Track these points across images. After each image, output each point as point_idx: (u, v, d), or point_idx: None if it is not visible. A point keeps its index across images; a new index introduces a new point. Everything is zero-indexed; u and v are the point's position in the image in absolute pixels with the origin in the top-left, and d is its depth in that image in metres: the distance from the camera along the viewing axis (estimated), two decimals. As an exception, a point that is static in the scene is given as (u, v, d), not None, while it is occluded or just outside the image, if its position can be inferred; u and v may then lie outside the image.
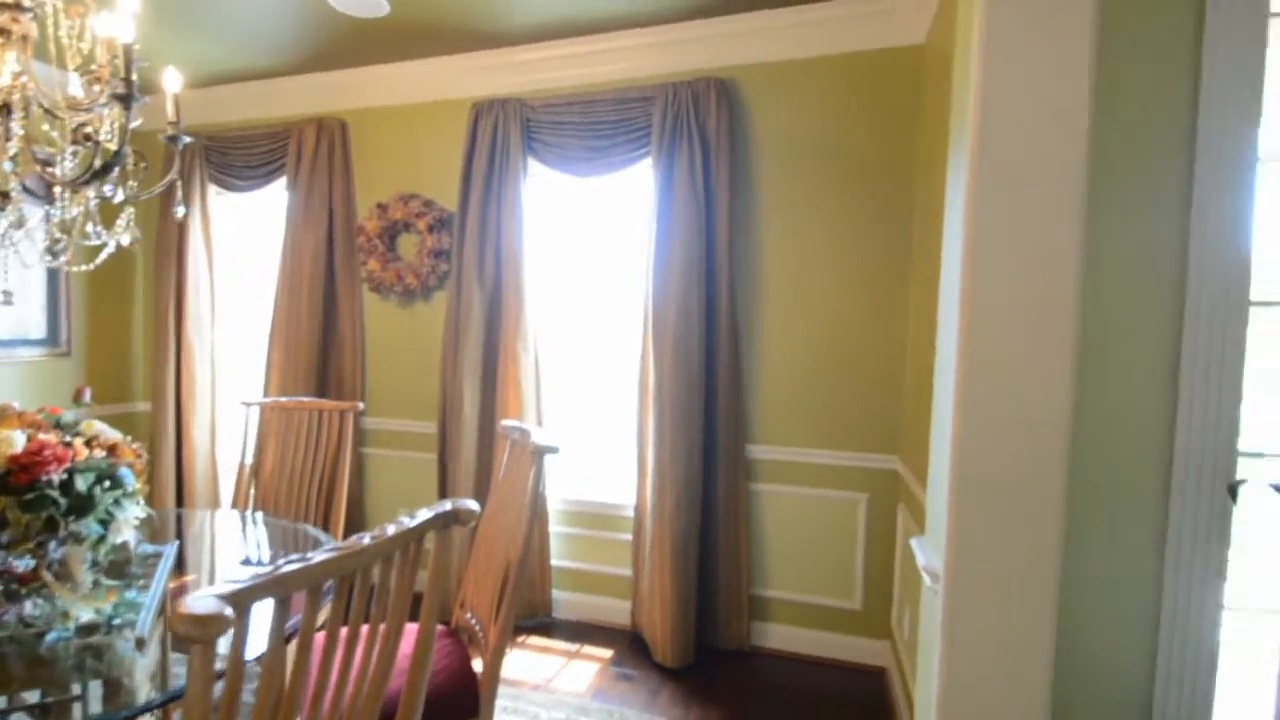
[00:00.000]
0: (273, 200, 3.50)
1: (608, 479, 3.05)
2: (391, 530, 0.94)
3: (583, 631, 2.89)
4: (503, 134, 2.95)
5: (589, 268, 3.10)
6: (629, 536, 2.89)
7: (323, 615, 1.19)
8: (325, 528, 2.29)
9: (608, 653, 2.72)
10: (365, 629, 1.00)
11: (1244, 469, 1.25)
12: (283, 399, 2.52)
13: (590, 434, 3.13)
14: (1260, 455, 1.32)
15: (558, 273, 3.12)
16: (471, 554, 1.87)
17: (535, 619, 2.96)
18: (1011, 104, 1.21)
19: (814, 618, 2.67)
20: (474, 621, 1.73)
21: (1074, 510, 1.32)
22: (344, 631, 0.94)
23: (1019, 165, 1.21)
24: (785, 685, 2.49)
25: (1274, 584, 1.35)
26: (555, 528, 3.03)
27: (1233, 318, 1.22)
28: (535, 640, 2.82)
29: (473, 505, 1.04)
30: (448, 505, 1.02)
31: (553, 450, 1.57)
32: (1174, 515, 1.26)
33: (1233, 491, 1.23)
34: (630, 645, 2.78)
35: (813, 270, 2.63)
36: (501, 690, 2.37)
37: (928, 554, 1.46)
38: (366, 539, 0.91)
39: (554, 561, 3.00)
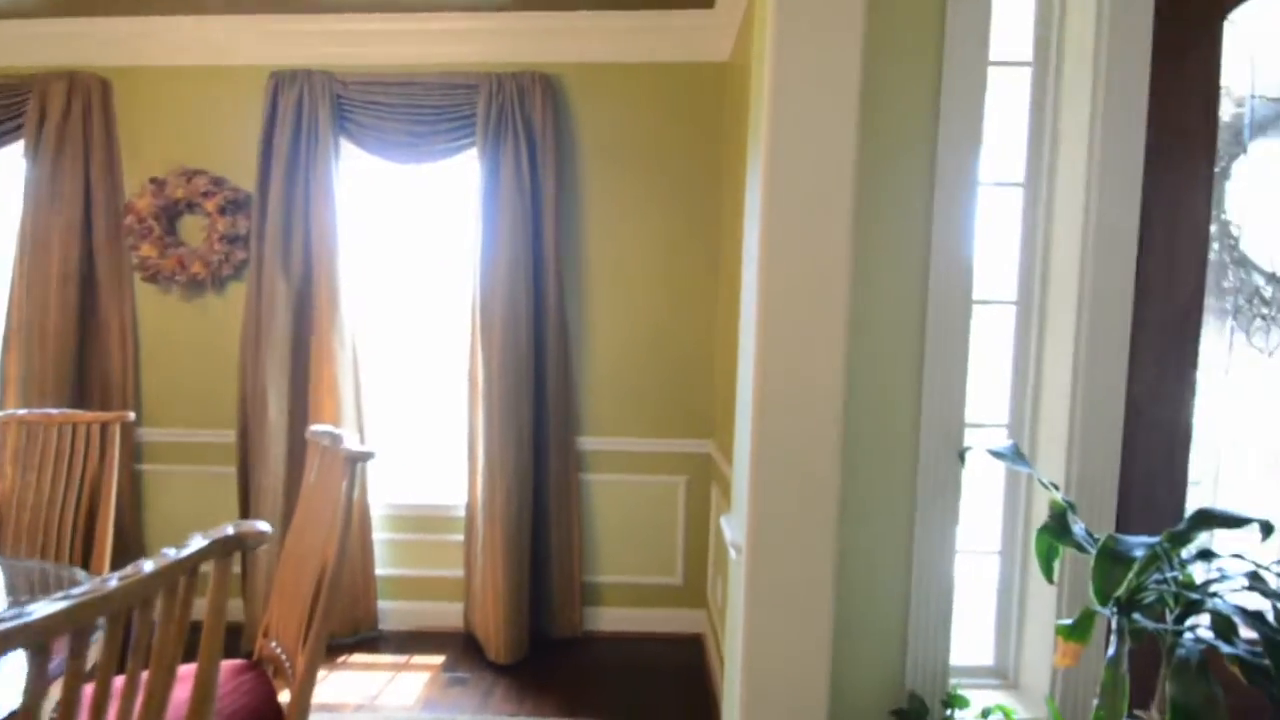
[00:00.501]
0: (6, 170, 2.88)
1: (438, 480, 2.95)
2: (149, 567, 0.84)
3: (413, 641, 2.78)
4: (310, 110, 2.69)
5: (414, 260, 2.95)
6: (460, 537, 2.82)
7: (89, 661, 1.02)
8: (86, 565, 1.96)
9: (439, 659, 2.64)
10: (121, 680, 0.89)
11: (968, 437, 1.53)
12: (22, 411, 2.11)
13: (418, 434, 3.00)
14: (980, 425, 1.63)
15: (380, 264, 2.93)
16: (277, 576, 1.71)
17: (359, 635, 2.78)
18: (794, 132, 1.35)
19: (642, 596, 2.82)
20: (280, 650, 1.59)
21: (849, 479, 1.52)
22: (89, 690, 0.82)
23: (801, 182, 1.36)
24: (616, 664, 2.60)
25: (991, 529, 1.67)
26: (380, 535, 2.87)
27: (960, 314, 1.48)
28: (359, 658, 2.66)
29: (261, 526, 0.96)
30: (229, 529, 0.93)
31: (367, 457, 1.49)
32: (921, 478, 1.51)
33: (961, 456, 1.50)
34: (464, 648, 2.72)
35: (634, 268, 2.75)
36: (319, 717, 2.21)
37: (733, 529, 1.60)
38: (114, 581, 0.79)
39: (379, 571, 2.84)
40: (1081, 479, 1.52)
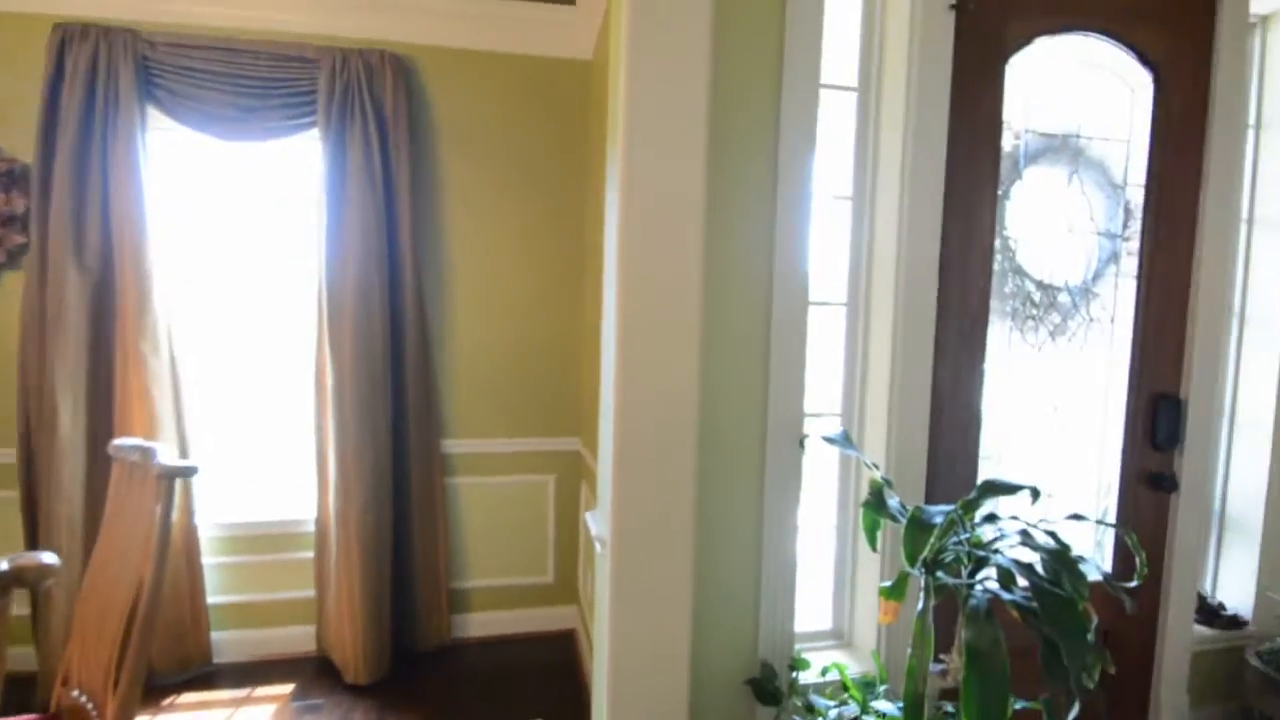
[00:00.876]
0: None
1: (282, 493, 2.71)
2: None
3: (256, 671, 2.54)
4: (108, 71, 2.33)
5: (249, 249, 2.67)
6: (310, 554, 2.62)
7: None
8: None
9: (288, 688, 2.45)
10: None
11: (809, 426, 1.70)
12: None
13: (257, 443, 2.74)
14: (820, 415, 1.81)
15: (207, 254, 2.62)
16: (77, 615, 1.49)
17: (190, 672, 2.49)
18: (649, 135, 1.41)
19: (513, 598, 2.80)
20: (85, 699, 1.40)
21: (706, 469, 1.63)
22: None
23: (657, 184, 1.42)
24: (487, 669, 2.56)
25: (827, 509, 1.87)
26: (213, 559, 2.58)
27: (799, 314, 1.63)
28: (191, 697, 2.39)
29: (46, 558, 0.84)
30: (2, 564, 0.81)
31: (186, 472, 1.34)
32: (768, 465, 1.65)
33: (801, 443, 1.66)
34: (317, 672, 2.54)
35: (499, 263, 2.71)
36: (139, 768, 1.96)
37: (598, 523, 1.65)
38: None
39: (212, 600, 2.56)
40: (899, 459, 1.75)
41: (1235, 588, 2.12)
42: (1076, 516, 1.41)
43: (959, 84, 1.73)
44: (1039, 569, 1.32)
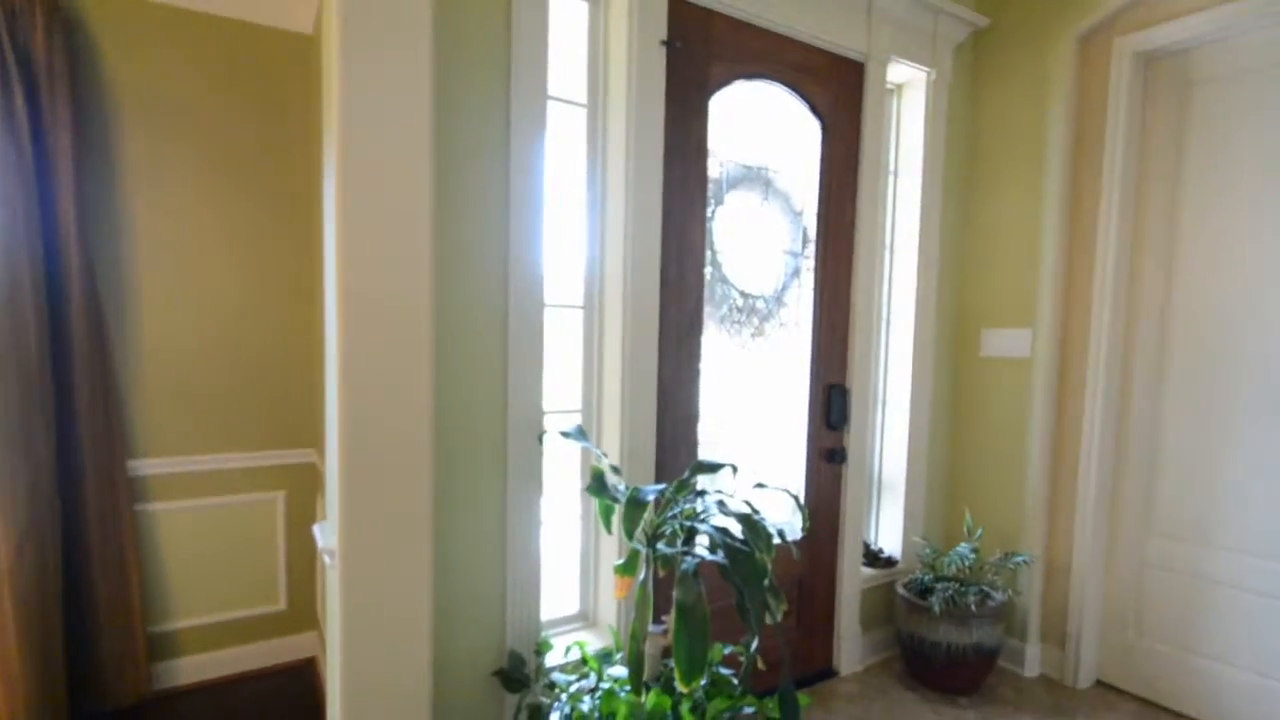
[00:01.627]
0: None
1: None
2: None
3: None
4: None
5: None
6: (-67, 618, 2.05)
7: None
8: None
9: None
10: None
11: (554, 422, 1.81)
12: None
13: None
14: (565, 412, 1.94)
15: None
16: None
17: None
18: (367, 124, 1.38)
19: (238, 633, 2.49)
20: None
21: (446, 470, 1.65)
22: None
23: (379, 177, 1.40)
24: (204, 717, 2.25)
25: (573, 499, 2.01)
26: None
27: (534, 316, 1.74)
28: None
29: None
30: None
31: None
32: (510, 461, 1.73)
33: (540, 439, 1.77)
34: (-54, 768, 2.00)
35: (205, 257, 2.36)
36: None
37: (326, 536, 1.57)
38: None
39: None
40: (632, 448, 1.94)
41: (890, 535, 2.73)
42: (760, 485, 1.71)
43: (673, 112, 1.98)
44: (738, 532, 1.57)
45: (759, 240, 2.26)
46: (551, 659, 1.82)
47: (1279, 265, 2.05)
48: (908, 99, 2.58)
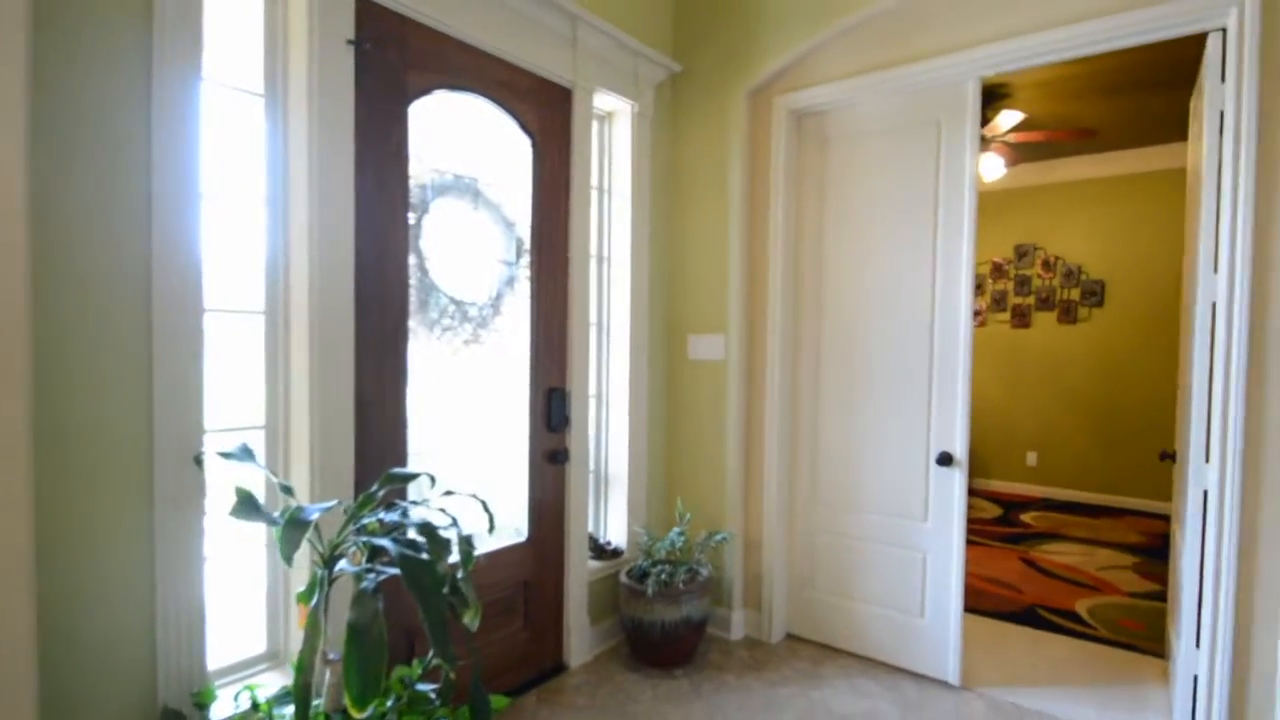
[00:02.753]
0: None
1: None
2: None
3: None
4: None
5: None
6: None
7: None
8: None
9: None
10: None
11: (228, 441, 1.65)
12: None
13: None
14: (241, 429, 1.78)
15: None
16: None
17: None
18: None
19: None
20: None
21: (63, 505, 1.41)
22: None
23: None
24: None
25: (257, 531, 1.85)
26: None
27: (190, 321, 1.57)
28: None
29: None
30: None
31: None
32: (157, 488, 1.53)
33: (199, 461, 1.60)
34: None
35: None
36: None
37: None
38: None
39: None
40: (324, 464, 1.85)
41: (616, 528, 2.95)
42: (448, 493, 1.73)
43: (368, 114, 1.94)
44: (422, 541, 1.57)
45: (471, 249, 2.31)
46: (219, 711, 1.65)
47: (885, 281, 2.63)
48: (617, 126, 2.84)
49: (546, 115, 2.49)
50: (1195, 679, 2.06)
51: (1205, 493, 2.02)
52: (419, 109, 2.10)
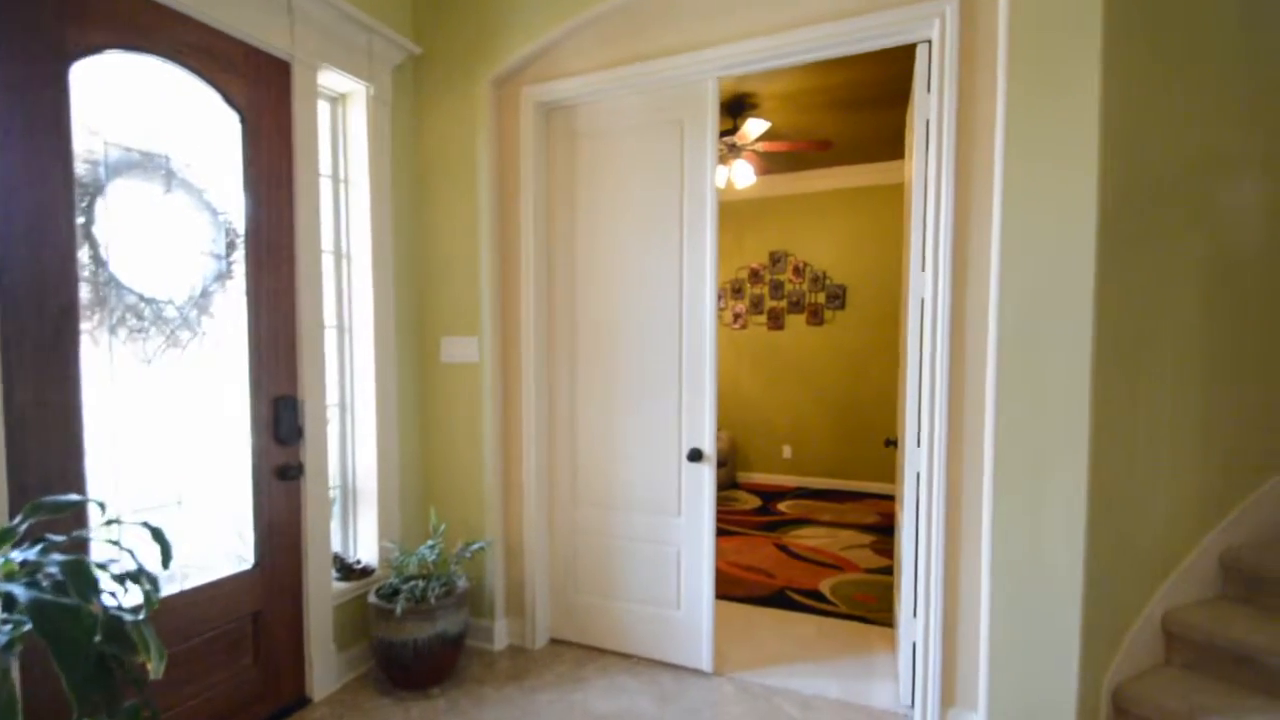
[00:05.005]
0: None
1: None
2: None
3: None
4: None
5: None
6: None
7: None
8: None
9: None
10: None
11: None
12: None
13: None
14: None
15: None
16: None
17: None
18: None
19: None
20: None
21: None
22: None
23: None
24: None
25: None
26: None
27: None
28: None
29: None
30: None
31: None
32: None
33: None
34: None
35: None
36: None
37: None
38: None
39: None
40: (-54, 499, 1.56)
41: (367, 545, 2.85)
42: (111, 522, 1.56)
43: (8, 73, 1.68)
44: (61, 577, 1.39)
45: (166, 239, 2.09)
46: None
47: (636, 281, 2.86)
48: (352, 110, 2.75)
49: (260, 90, 2.34)
50: (914, 645, 2.40)
51: (918, 475, 2.39)
52: (88, 72, 1.86)
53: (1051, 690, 2.09)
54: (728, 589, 3.78)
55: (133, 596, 1.54)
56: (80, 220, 1.87)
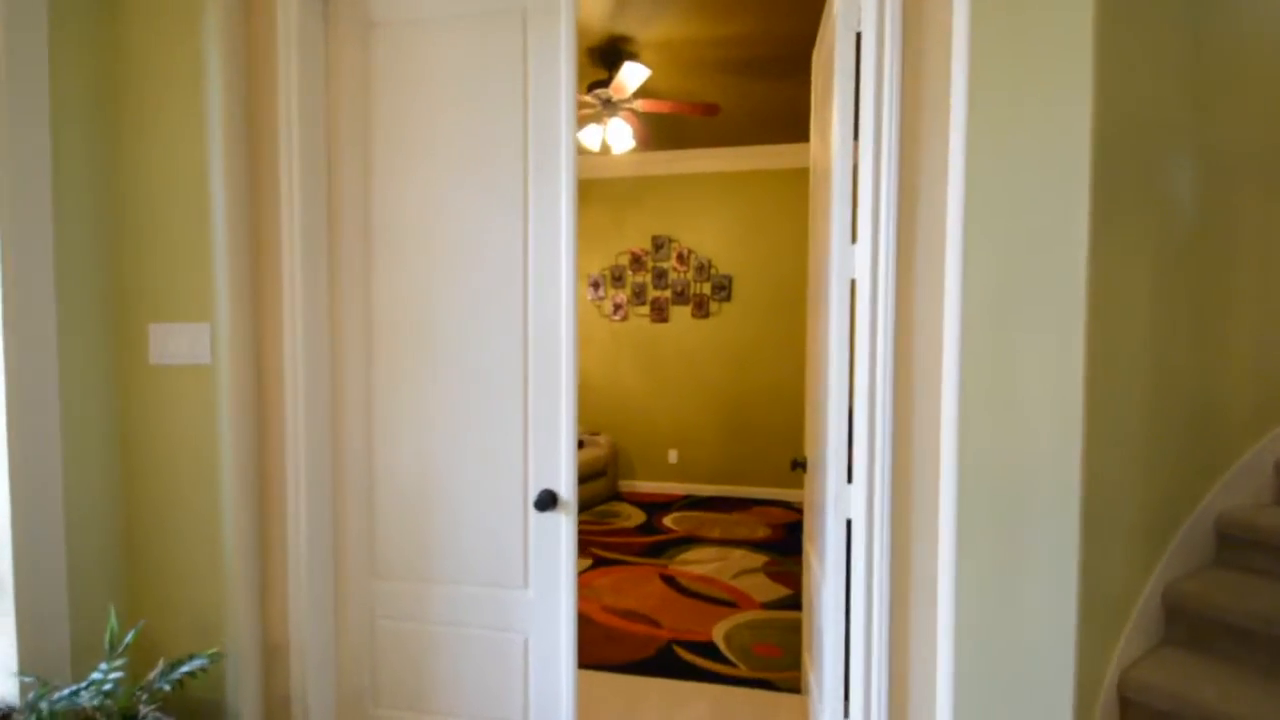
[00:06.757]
0: None
1: None
2: None
3: None
4: None
5: None
6: None
7: None
8: None
9: None
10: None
11: None
12: None
13: None
14: None
15: None
16: None
17: None
18: None
19: None
20: None
21: None
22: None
23: None
24: None
25: None
26: None
27: None
28: None
29: None
30: None
31: None
32: None
33: None
34: None
35: None
36: None
37: None
38: None
39: None
40: None
41: (3, 668, 1.76)
42: None
43: None
44: None
45: None
46: None
47: (461, 248, 1.98)
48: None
49: None
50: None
51: (849, 522, 1.75)
52: None
53: None
54: (603, 650, 3.13)
55: None
56: None
